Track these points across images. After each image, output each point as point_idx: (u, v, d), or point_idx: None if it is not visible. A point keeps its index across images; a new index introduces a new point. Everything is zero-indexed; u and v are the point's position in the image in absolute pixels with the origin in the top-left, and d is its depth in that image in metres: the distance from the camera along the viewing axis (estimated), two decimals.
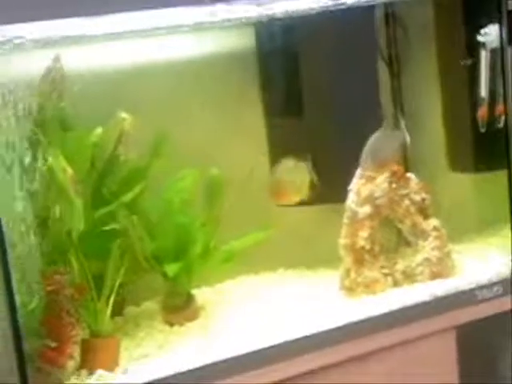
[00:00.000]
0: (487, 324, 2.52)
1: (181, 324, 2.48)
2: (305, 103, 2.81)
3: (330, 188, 2.76)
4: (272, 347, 2.26)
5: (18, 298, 2.01)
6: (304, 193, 2.67)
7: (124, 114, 2.30)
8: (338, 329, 2.34)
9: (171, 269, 2.43)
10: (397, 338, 2.37)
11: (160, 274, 2.48)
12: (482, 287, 2.53)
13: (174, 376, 2.15)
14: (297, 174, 2.68)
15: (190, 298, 2.54)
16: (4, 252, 2.00)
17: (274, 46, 2.81)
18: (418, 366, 2.40)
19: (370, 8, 2.82)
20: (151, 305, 2.63)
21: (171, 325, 2.48)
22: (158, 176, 2.42)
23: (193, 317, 2.51)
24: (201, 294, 2.63)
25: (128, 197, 2.30)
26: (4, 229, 1.99)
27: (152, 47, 2.57)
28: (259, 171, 2.81)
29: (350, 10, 2.48)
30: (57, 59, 2.22)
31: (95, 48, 2.35)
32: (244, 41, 2.80)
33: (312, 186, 2.67)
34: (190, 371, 2.17)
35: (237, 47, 2.79)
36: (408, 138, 2.73)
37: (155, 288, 2.56)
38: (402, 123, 2.79)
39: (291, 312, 2.49)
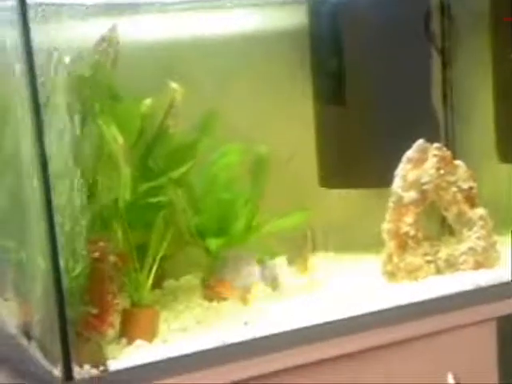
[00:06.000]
0: None
1: (219, 299, 2.48)
2: (354, 87, 2.79)
3: (375, 172, 2.75)
4: (312, 327, 2.25)
5: (62, 263, 2.02)
6: None
7: (175, 85, 2.29)
8: (378, 313, 2.33)
9: (213, 244, 2.44)
10: (437, 326, 2.35)
11: (202, 249, 2.48)
12: None
13: (212, 350, 2.16)
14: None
15: None
16: (51, 217, 2.01)
17: (326, 26, 2.79)
18: (456, 355, 2.38)
19: None
20: (191, 279, 2.64)
21: (210, 300, 2.48)
22: (205, 151, 2.41)
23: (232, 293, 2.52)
24: None
25: (177, 173, 2.29)
26: (52, 195, 2.01)
27: (205, 22, 2.57)
28: (303, 153, 2.81)
29: None
30: (113, 29, 2.22)
31: (150, 18, 2.36)
32: (297, 19, 2.78)
33: None
34: (228, 346, 2.17)
35: (290, 25, 2.77)
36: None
37: (195, 262, 2.57)
38: None
39: (331, 294, 2.48)
